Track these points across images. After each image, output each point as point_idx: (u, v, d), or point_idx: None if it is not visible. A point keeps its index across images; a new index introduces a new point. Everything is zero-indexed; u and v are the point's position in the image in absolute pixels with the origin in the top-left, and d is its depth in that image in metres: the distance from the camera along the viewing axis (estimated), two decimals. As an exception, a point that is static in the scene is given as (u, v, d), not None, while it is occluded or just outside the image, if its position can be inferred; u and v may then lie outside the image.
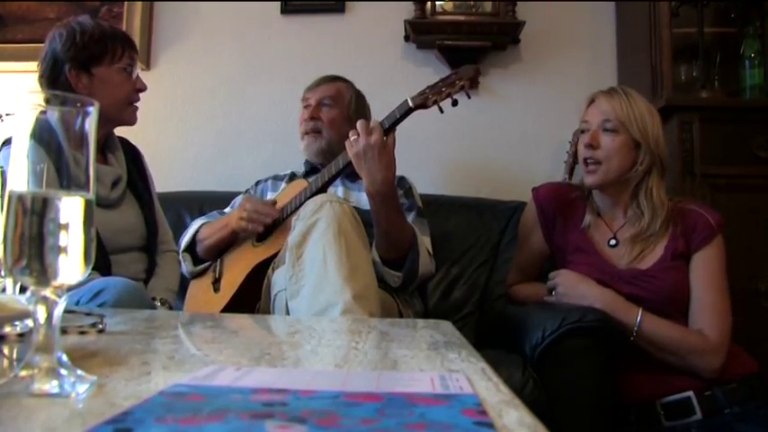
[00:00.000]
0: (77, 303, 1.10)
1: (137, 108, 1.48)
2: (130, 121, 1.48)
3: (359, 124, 1.40)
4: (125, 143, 1.57)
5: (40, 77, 1.40)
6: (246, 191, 1.87)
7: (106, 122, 1.44)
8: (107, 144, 1.50)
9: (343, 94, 1.80)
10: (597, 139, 1.43)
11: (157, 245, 1.55)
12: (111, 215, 1.43)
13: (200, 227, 1.71)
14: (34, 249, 0.44)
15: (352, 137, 1.41)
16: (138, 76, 1.46)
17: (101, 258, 1.31)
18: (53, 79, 1.37)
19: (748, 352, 1.42)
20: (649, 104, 1.46)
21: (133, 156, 1.57)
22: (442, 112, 1.45)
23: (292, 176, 1.81)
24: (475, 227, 1.99)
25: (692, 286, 1.40)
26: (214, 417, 0.36)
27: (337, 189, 1.72)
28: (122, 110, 1.44)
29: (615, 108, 1.42)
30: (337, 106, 1.77)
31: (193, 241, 1.69)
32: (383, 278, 1.45)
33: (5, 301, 0.67)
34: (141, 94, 1.48)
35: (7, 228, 0.44)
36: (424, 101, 1.43)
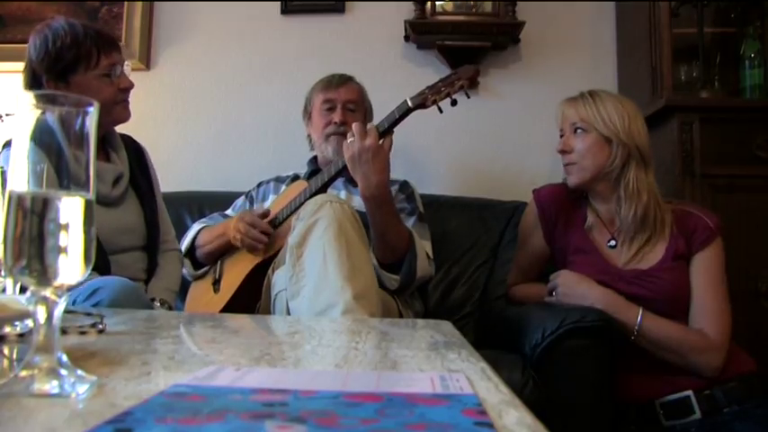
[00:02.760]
0: (74, 303, 1.10)
1: (127, 104, 1.43)
2: (122, 118, 1.44)
3: (354, 127, 1.40)
4: (128, 141, 1.55)
5: (25, 87, 1.38)
6: (248, 192, 1.87)
7: (99, 125, 1.42)
8: (108, 142, 1.49)
9: (364, 99, 1.80)
10: (568, 144, 1.48)
11: (159, 244, 1.54)
12: (112, 214, 1.42)
13: (200, 231, 1.70)
14: (34, 249, 0.44)
15: (349, 139, 1.41)
16: (122, 74, 1.41)
17: (99, 259, 1.30)
18: (35, 89, 1.34)
19: (748, 352, 1.42)
20: (621, 100, 1.48)
21: (136, 153, 1.56)
22: (441, 111, 1.45)
23: (295, 178, 1.81)
24: (475, 227, 1.99)
25: (692, 287, 1.41)
26: (214, 417, 0.36)
27: (340, 192, 1.72)
28: (110, 112, 1.40)
29: (579, 111, 1.47)
30: (359, 111, 1.77)
31: (193, 246, 1.69)
32: (381, 281, 1.45)
33: (5, 302, 0.67)
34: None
35: (7, 228, 0.44)
36: (423, 101, 1.43)
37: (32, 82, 1.36)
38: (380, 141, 1.39)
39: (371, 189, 1.38)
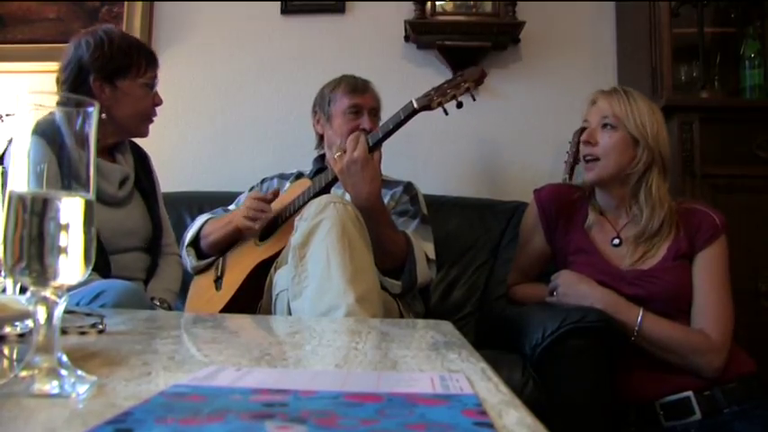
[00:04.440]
0: (77, 305, 1.10)
1: (152, 122, 1.50)
2: (144, 134, 1.51)
3: (348, 141, 1.41)
4: (133, 145, 1.58)
5: (62, 83, 1.40)
6: (252, 188, 1.87)
7: (120, 133, 1.47)
8: (115, 145, 1.51)
9: (381, 105, 1.79)
10: (595, 137, 1.45)
11: (161, 247, 1.55)
12: (117, 214, 1.43)
13: (205, 222, 1.71)
14: (34, 250, 0.44)
15: (336, 154, 1.41)
16: (157, 92, 1.49)
17: (100, 258, 1.31)
18: (76, 87, 1.38)
19: (748, 352, 1.42)
20: (652, 104, 1.47)
21: (141, 157, 1.59)
22: (446, 113, 1.44)
23: (299, 176, 1.80)
24: (475, 227, 1.99)
25: (694, 286, 1.40)
26: (214, 417, 0.36)
27: (345, 195, 1.71)
28: (139, 123, 1.47)
29: (613, 105, 1.44)
30: (378, 116, 1.76)
31: (198, 237, 1.70)
32: (383, 285, 1.45)
33: (6, 302, 0.67)
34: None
35: (7, 228, 0.44)
36: (428, 102, 1.43)
37: (76, 79, 1.38)
38: (370, 154, 1.39)
39: (362, 200, 1.38)
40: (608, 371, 1.33)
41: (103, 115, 1.39)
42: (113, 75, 1.39)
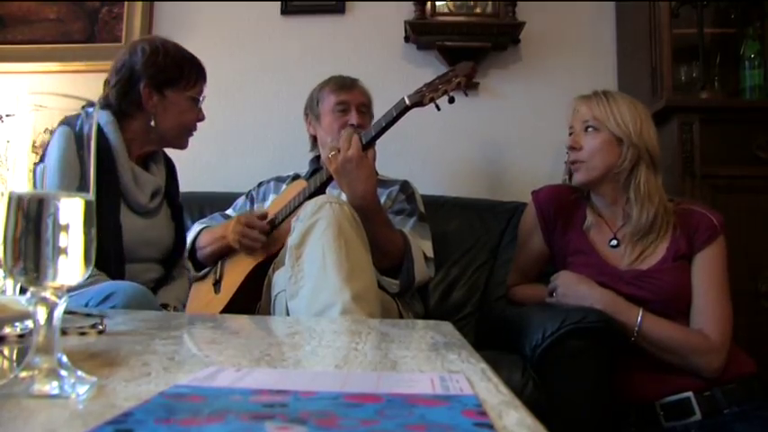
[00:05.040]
0: (86, 305, 1.10)
1: (192, 135, 1.51)
2: (183, 146, 1.51)
3: (342, 139, 1.41)
4: (165, 156, 1.59)
5: (112, 86, 1.41)
6: (249, 192, 1.87)
7: (160, 142, 1.48)
8: (151, 155, 1.51)
9: (372, 101, 1.79)
10: (579, 141, 1.47)
11: (180, 260, 1.56)
12: (141, 223, 1.43)
13: (200, 232, 1.70)
14: (34, 250, 0.44)
15: (330, 153, 1.41)
16: (201, 108, 1.50)
17: (116, 267, 1.30)
18: (125, 91, 1.40)
19: (748, 352, 1.42)
20: (634, 102, 1.48)
21: (171, 169, 1.59)
22: (438, 109, 1.45)
23: (295, 178, 1.80)
24: (475, 228, 1.99)
25: (693, 286, 1.40)
26: (214, 418, 0.36)
27: (341, 194, 1.71)
28: (179, 135, 1.48)
29: (592, 109, 1.46)
30: (369, 114, 1.76)
31: (193, 247, 1.70)
32: (381, 285, 1.45)
33: (6, 302, 0.67)
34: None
35: (7, 228, 0.44)
36: (420, 98, 1.43)
37: (126, 84, 1.40)
38: (364, 152, 1.39)
39: (358, 199, 1.38)
40: (608, 371, 1.33)
41: (153, 122, 1.41)
42: (163, 84, 1.41)
